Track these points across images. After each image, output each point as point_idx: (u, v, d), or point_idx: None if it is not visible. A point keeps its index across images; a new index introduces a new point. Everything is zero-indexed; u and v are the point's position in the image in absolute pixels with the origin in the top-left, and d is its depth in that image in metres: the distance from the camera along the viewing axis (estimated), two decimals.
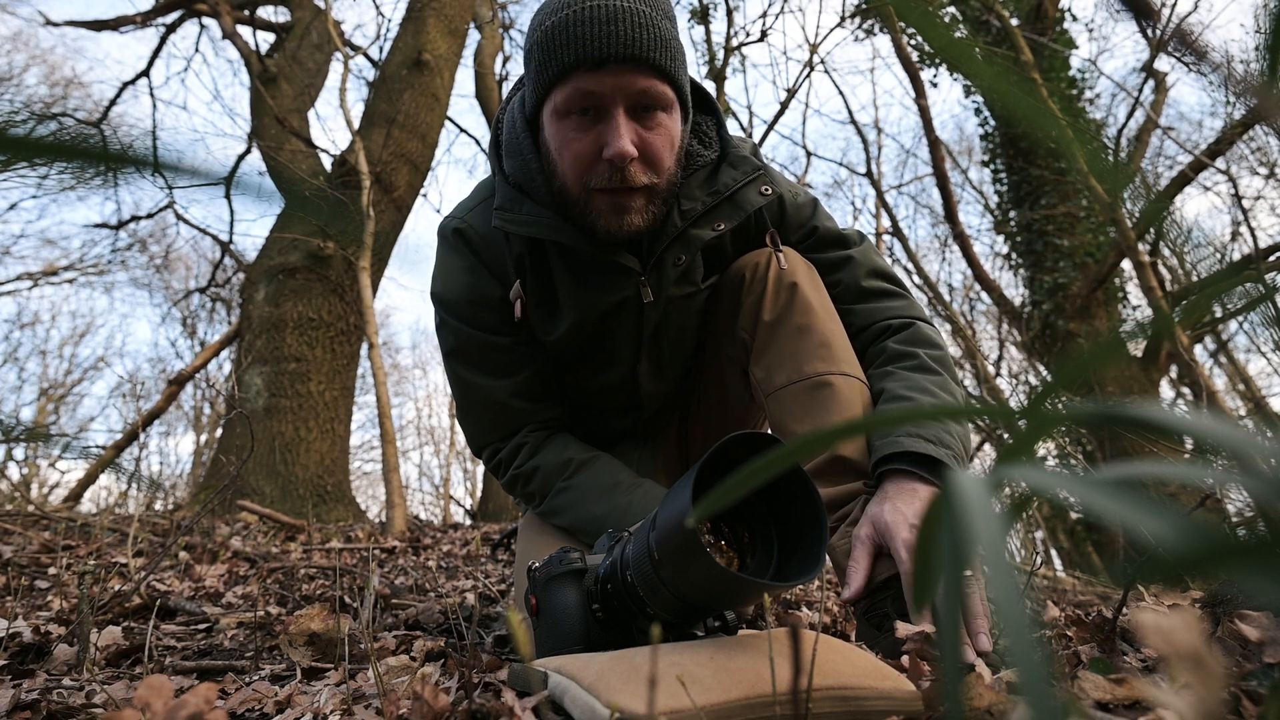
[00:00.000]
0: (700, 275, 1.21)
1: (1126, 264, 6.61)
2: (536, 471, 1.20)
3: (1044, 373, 8.12)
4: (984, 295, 9.65)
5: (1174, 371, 7.40)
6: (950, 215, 8.41)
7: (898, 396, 1.05)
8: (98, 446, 5.75)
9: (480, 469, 12.68)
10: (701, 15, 8.43)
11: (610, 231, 1.07)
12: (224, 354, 7.72)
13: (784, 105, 7.01)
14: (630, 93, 1.00)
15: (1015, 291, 9.23)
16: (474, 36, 8.44)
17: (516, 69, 9.45)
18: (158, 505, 4.76)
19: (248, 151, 6.67)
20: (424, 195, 5.70)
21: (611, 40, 0.97)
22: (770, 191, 1.18)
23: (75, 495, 4.94)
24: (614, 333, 1.21)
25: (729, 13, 8.09)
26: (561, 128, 1.04)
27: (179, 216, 7.46)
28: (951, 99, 17.72)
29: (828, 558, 0.91)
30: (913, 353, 1.11)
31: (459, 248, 1.20)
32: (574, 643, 0.78)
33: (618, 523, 1.09)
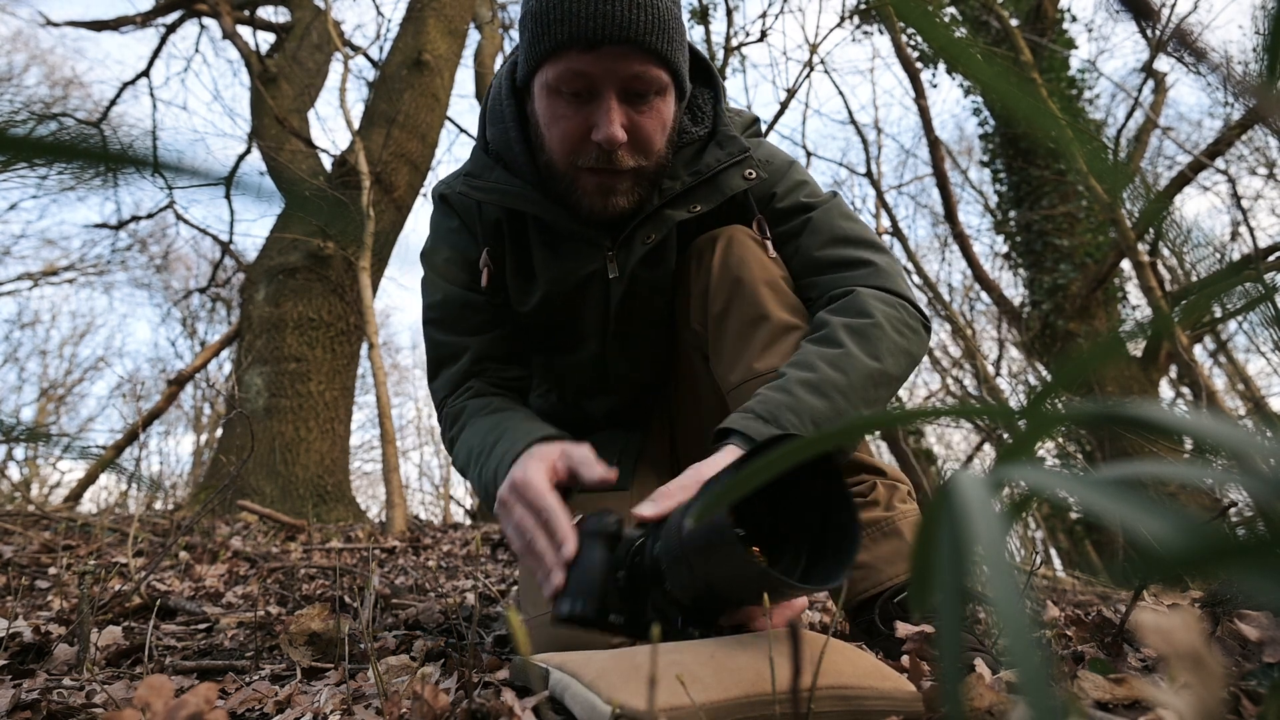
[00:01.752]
0: (674, 257, 1.17)
1: (1126, 264, 6.61)
2: (463, 411, 1.16)
3: (1044, 373, 8.12)
4: (984, 295, 9.66)
5: (1174, 371, 7.41)
6: (950, 215, 8.40)
7: (779, 375, 0.96)
8: (98, 446, 5.75)
9: None
10: (701, 15, 8.42)
11: (594, 211, 1.06)
12: (224, 354, 7.73)
13: (784, 105, 7.01)
14: (623, 76, 0.97)
15: (1015, 291, 9.24)
16: (474, 36, 8.44)
17: None
18: (158, 505, 4.76)
19: (248, 151, 6.67)
20: (424, 195, 5.70)
21: (607, 21, 0.94)
22: (754, 175, 1.13)
23: (75, 495, 4.94)
24: (582, 307, 1.19)
25: (729, 13, 8.09)
26: (551, 104, 1.01)
27: (179, 216, 7.48)
28: (951, 99, 17.75)
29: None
30: (825, 322, 1.01)
31: (445, 211, 1.22)
32: (591, 594, 0.79)
33: (490, 443, 1.04)
